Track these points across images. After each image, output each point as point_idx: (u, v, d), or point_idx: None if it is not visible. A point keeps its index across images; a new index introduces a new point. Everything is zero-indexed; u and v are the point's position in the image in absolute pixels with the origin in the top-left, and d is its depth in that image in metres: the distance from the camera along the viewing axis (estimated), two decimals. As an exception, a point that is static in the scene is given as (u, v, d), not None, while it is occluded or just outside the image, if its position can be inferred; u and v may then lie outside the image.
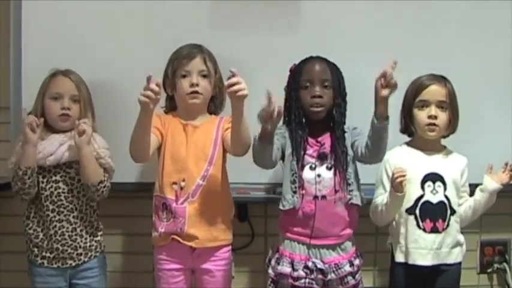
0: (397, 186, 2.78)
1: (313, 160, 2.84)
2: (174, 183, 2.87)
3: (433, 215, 2.87)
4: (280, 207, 2.86)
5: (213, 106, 3.00)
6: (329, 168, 2.84)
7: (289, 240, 2.87)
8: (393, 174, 2.79)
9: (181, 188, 2.86)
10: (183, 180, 2.86)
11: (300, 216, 2.83)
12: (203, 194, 2.87)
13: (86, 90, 2.98)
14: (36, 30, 3.18)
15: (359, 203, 2.85)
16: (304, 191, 2.82)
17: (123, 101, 3.10)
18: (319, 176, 2.83)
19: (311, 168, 2.84)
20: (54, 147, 2.90)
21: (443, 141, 2.99)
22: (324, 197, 2.82)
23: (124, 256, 3.36)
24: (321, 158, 2.85)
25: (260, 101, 2.60)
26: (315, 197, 2.82)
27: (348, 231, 2.87)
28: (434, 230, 2.87)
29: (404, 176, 2.77)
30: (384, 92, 2.68)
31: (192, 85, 2.88)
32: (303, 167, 2.84)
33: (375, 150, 2.78)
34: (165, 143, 2.90)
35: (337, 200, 2.83)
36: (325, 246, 2.83)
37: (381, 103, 2.70)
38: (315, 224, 2.82)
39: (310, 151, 2.86)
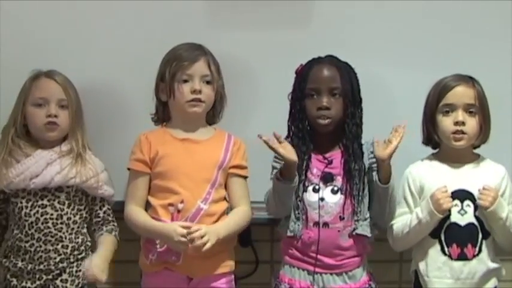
0: (440, 206, 2.56)
1: (317, 180, 2.60)
2: (171, 204, 2.59)
3: (461, 239, 2.60)
4: (285, 232, 2.64)
5: (212, 114, 2.73)
6: (334, 192, 2.59)
7: (289, 265, 2.66)
8: (434, 194, 2.57)
9: (179, 211, 2.59)
10: (181, 202, 2.59)
11: (300, 244, 2.63)
12: (204, 219, 2.59)
13: (75, 94, 2.70)
14: (13, 24, 2.91)
15: (366, 233, 2.59)
16: (304, 216, 2.62)
17: (116, 105, 2.92)
18: (322, 199, 2.59)
19: (314, 190, 2.60)
20: (39, 168, 2.61)
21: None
22: (326, 224, 2.58)
23: (112, 287, 3.07)
24: (325, 179, 2.60)
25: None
26: (316, 224, 2.58)
27: (356, 259, 2.62)
28: (462, 257, 2.59)
29: (449, 197, 2.56)
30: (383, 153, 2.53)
31: (194, 91, 2.61)
32: (306, 188, 2.63)
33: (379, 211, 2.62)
34: (158, 162, 2.63)
35: (341, 229, 2.59)
36: (329, 272, 2.60)
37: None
38: (317, 253, 2.58)
39: (314, 170, 2.63)
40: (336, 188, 2.60)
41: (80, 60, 2.89)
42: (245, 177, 2.69)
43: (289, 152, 2.51)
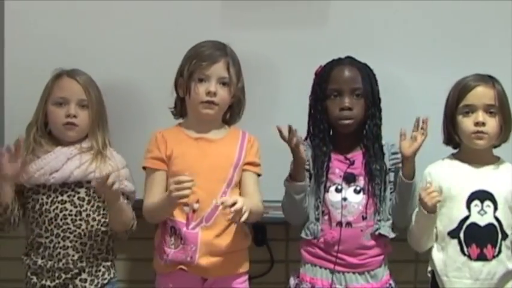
0: (425, 205, 2.53)
1: (339, 181, 2.59)
2: (186, 204, 2.55)
3: (481, 239, 2.56)
4: (302, 235, 2.64)
5: (229, 115, 2.70)
6: (357, 192, 2.59)
7: (310, 264, 2.64)
8: (419, 194, 2.55)
9: (194, 211, 2.55)
10: (197, 202, 2.55)
11: (322, 244, 2.62)
12: (219, 219, 2.56)
13: (97, 94, 2.67)
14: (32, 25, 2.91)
15: (387, 234, 2.59)
16: (327, 216, 2.59)
17: (133, 104, 2.92)
18: (345, 199, 2.59)
19: (337, 190, 2.59)
20: (59, 163, 2.59)
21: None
22: (349, 224, 2.57)
23: (127, 285, 3.05)
24: (347, 179, 2.59)
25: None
26: (339, 223, 2.57)
27: (378, 258, 2.61)
28: (482, 258, 2.55)
29: (433, 192, 2.52)
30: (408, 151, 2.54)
31: (208, 93, 2.57)
32: (328, 188, 2.61)
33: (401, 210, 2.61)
34: (173, 161, 2.60)
35: (364, 228, 2.58)
36: (351, 271, 2.59)
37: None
38: (338, 252, 2.57)
39: (336, 170, 2.61)
40: (358, 188, 2.59)
41: (97, 59, 2.89)
42: (258, 175, 2.66)
43: (302, 150, 2.51)
